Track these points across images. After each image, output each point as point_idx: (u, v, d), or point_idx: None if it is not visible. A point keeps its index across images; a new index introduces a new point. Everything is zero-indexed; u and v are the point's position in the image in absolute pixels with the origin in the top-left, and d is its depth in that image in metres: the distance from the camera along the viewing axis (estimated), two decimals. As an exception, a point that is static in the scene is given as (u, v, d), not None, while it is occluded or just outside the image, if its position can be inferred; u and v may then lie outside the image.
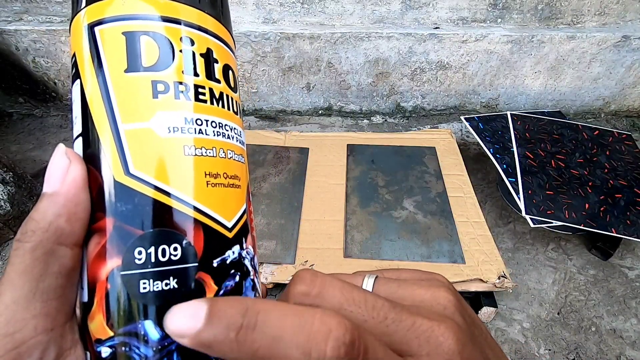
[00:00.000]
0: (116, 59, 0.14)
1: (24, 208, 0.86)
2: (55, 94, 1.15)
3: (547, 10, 0.98)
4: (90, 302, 0.13)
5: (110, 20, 0.14)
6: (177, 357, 0.13)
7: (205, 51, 0.15)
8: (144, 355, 0.12)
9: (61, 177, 0.13)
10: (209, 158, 0.14)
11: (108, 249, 0.13)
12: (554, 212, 0.72)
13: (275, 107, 1.18)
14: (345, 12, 0.99)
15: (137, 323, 0.12)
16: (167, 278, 0.13)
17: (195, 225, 0.14)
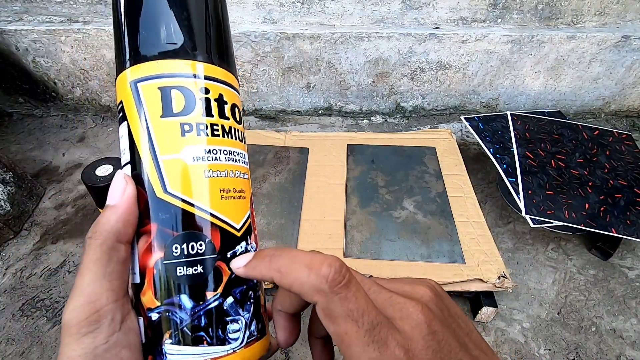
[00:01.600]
0: (154, 107, 0.19)
1: (24, 208, 0.86)
2: (55, 94, 1.15)
3: (547, 10, 0.98)
4: (142, 283, 0.18)
5: (149, 78, 0.19)
6: (203, 320, 0.18)
7: (218, 96, 0.20)
8: (180, 318, 0.18)
9: (120, 194, 0.18)
10: (222, 178, 0.19)
11: (154, 245, 0.18)
12: (554, 212, 0.72)
13: (275, 107, 1.18)
14: (345, 12, 0.99)
15: (176, 296, 0.18)
16: (195, 265, 0.18)
17: (213, 228, 0.19)
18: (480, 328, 0.67)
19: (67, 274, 0.76)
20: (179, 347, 0.18)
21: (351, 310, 0.16)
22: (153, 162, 0.18)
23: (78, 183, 0.96)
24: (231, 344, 0.18)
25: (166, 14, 0.19)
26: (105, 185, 0.59)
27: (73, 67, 1.07)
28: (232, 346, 0.18)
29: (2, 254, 0.79)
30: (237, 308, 0.19)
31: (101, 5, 1.00)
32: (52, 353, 0.64)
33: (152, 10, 0.19)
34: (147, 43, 0.19)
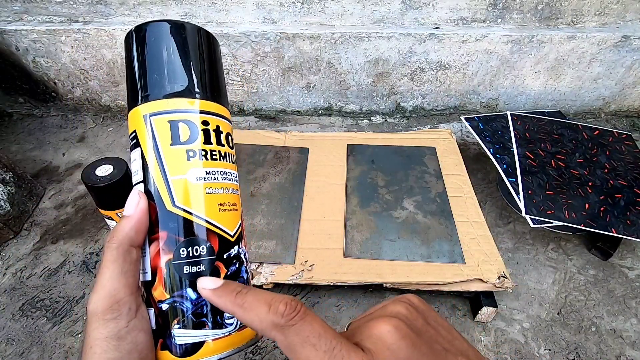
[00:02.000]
0: (165, 137, 0.23)
1: (24, 208, 0.86)
2: (55, 94, 1.15)
3: (547, 10, 0.98)
4: (153, 280, 0.22)
5: (160, 113, 0.23)
6: (205, 309, 0.22)
7: (215, 127, 0.25)
8: (186, 307, 0.22)
9: (134, 207, 0.22)
10: (219, 194, 0.24)
11: (163, 249, 0.22)
12: (554, 212, 0.72)
13: (275, 107, 1.18)
14: (345, 12, 0.99)
15: (183, 290, 0.22)
16: (198, 265, 0.22)
17: (212, 234, 0.23)
18: (480, 328, 0.67)
19: (67, 274, 0.76)
20: (185, 331, 0.22)
21: (307, 337, 0.18)
22: (164, 182, 0.23)
23: (78, 183, 0.96)
24: (227, 327, 0.23)
25: (174, 62, 0.24)
26: (105, 185, 0.59)
27: (73, 67, 1.07)
28: (228, 329, 0.23)
29: (2, 254, 0.79)
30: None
31: (101, 5, 1.00)
32: (52, 353, 0.64)
33: (161, 58, 0.24)
34: (158, 85, 0.24)
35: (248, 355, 0.63)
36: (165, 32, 0.24)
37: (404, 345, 0.18)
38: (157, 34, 0.24)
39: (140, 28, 0.24)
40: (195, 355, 0.22)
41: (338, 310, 0.69)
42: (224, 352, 0.22)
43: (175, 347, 0.22)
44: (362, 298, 0.71)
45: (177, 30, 0.24)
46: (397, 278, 0.65)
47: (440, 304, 0.70)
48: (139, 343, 0.21)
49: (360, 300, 0.71)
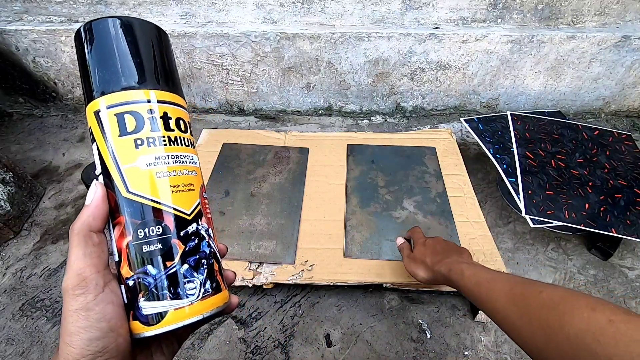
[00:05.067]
0: (113, 129, 0.25)
1: (24, 208, 0.86)
2: (55, 94, 1.15)
3: (547, 10, 0.98)
4: (120, 260, 0.25)
5: (107, 107, 0.25)
6: (165, 282, 0.24)
7: (162, 114, 0.26)
8: (149, 282, 0.24)
9: (92, 195, 0.25)
10: (171, 177, 0.25)
11: (124, 231, 0.25)
12: (554, 212, 0.72)
13: (275, 107, 1.18)
14: (345, 12, 0.99)
15: (144, 267, 0.24)
16: (155, 244, 0.24)
17: (167, 215, 0.25)
18: (480, 328, 0.67)
19: (67, 274, 0.76)
20: (150, 303, 0.24)
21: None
22: (117, 171, 0.25)
23: (78, 183, 0.96)
24: (189, 297, 0.25)
25: (112, 57, 0.25)
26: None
27: (73, 67, 1.07)
28: (190, 299, 0.25)
29: (2, 254, 0.79)
30: (192, 272, 0.25)
31: (101, 6, 1.00)
32: (52, 353, 0.64)
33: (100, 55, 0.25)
34: (103, 81, 0.25)
35: (248, 355, 0.63)
36: (102, 29, 0.25)
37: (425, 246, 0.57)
38: (96, 32, 0.25)
39: (84, 26, 0.25)
40: (160, 323, 0.24)
41: (338, 310, 0.69)
42: (186, 320, 0.24)
43: (142, 317, 0.24)
44: (362, 298, 0.71)
45: (110, 26, 0.25)
46: (397, 278, 0.65)
47: (441, 303, 0.70)
48: (107, 313, 0.23)
49: (360, 300, 0.71)
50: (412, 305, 0.70)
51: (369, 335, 0.66)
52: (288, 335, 0.66)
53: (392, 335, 0.66)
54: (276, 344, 0.65)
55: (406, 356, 0.63)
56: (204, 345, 0.64)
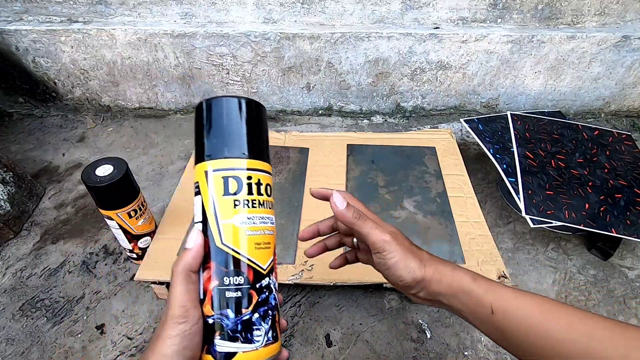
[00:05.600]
0: (219, 189, 0.30)
1: (23, 208, 0.86)
2: (55, 94, 1.15)
3: (547, 10, 0.98)
4: (204, 298, 0.29)
5: (216, 170, 0.30)
6: (240, 325, 0.28)
7: (257, 181, 0.31)
8: (226, 323, 0.28)
9: (194, 242, 0.30)
10: (256, 236, 0.30)
11: (212, 276, 0.29)
12: (554, 212, 0.72)
13: (275, 107, 1.18)
14: (345, 12, 0.99)
15: (224, 310, 0.28)
16: (236, 291, 0.29)
17: (249, 268, 0.29)
18: (480, 328, 0.67)
19: (67, 274, 0.76)
20: (224, 342, 0.28)
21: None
22: (215, 224, 0.30)
23: (78, 183, 0.96)
24: (255, 343, 0.29)
25: (229, 131, 0.31)
26: (105, 185, 0.59)
27: (73, 67, 1.07)
28: (256, 345, 0.29)
29: (2, 254, 0.79)
30: (260, 321, 0.29)
31: (101, 6, 1.00)
32: (52, 353, 0.64)
33: (220, 127, 0.31)
34: (217, 149, 0.31)
35: (248, 355, 0.63)
36: (225, 106, 0.31)
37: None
38: (214, 108, 0.31)
39: (205, 102, 0.31)
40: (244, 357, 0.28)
41: (338, 310, 0.69)
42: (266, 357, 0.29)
43: (215, 352, 0.28)
44: (362, 298, 0.71)
45: (234, 105, 0.31)
46: (397, 278, 0.65)
47: (440, 304, 0.70)
48: (193, 343, 0.28)
49: (360, 300, 0.71)
50: (412, 305, 0.70)
51: (369, 335, 0.66)
52: (288, 335, 0.66)
53: (392, 335, 0.66)
54: (276, 344, 0.65)
55: (406, 356, 0.63)
56: (204, 345, 0.64)
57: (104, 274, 0.76)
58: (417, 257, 0.35)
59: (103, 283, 0.74)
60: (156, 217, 0.76)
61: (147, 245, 0.71)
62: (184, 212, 0.77)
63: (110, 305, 0.70)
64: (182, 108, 1.19)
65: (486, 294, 0.32)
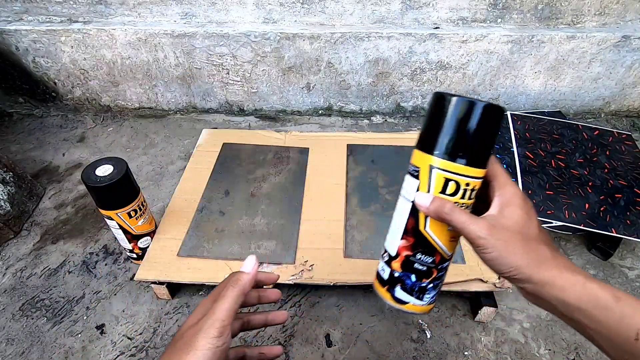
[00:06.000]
0: (437, 186, 0.32)
1: (24, 208, 0.86)
2: (55, 94, 1.15)
3: (547, 10, 0.98)
4: (395, 257, 0.35)
5: (442, 170, 0.31)
6: (417, 287, 0.35)
7: (473, 187, 0.32)
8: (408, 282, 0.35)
9: (251, 267, 0.36)
10: (452, 231, 0.33)
11: (409, 247, 0.34)
12: (554, 212, 0.72)
13: (275, 107, 1.18)
14: (345, 12, 0.99)
15: (409, 273, 0.35)
16: (423, 266, 0.34)
17: (439, 254, 0.34)
18: (480, 328, 0.67)
19: (67, 274, 0.76)
20: (402, 292, 0.35)
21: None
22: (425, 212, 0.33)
23: (78, 183, 0.96)
24: (423, 301, 0.35)
25: (465, 136, 0.31)
26: (105, 185, 0.59)
27: (73, 67, 1.07)
28: (422, 302, 0.36)
29: (2, 254, 0.79)
30: (432, 289, 0.35)
31: (101, 5, 1.00)
32: (52, 353, 0.64)
33: (458, 130, 0.31)
34: (448, 150, 0.31)
35: (248, 355, 0.63)
36: (475, 112, 0.30)
37: None
38: (469, 112, 0.30)
39: (458, 99, 0.30)
40: (401, 305, 0.36)
41: (338, 310, 0.69)
42: (411, 311, 0.36)
43: (394, 295, 0.36)
44: (362, 298, 0.71)
45: (484, 114, 0.30)
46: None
47: (440, 304, 0.70)
48: (220, 357, 0.30)
49: (360, 301, 0.71)
50: (412, 305, 0.70)
51: (369, 335, 0.66)
52: (288, 335, 0.66)
53: (392, 335, 0.66)
54: (276, 344, 0.65)
55: (406, 356, 0.63)
56: (204, 345, 0.64)
57: (104, 274, 0.76)
58: (527, 254, 0.30)
59: (103, 283, 0.74)
60: (156, 217, 0.76)
61: (147, 245, 0.71)
62: (184, 212, 0.77)
63: (110, 305, 0.70)
64: (182, 108, 1.19)
65: (634, 315, 0.27)
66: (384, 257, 0.36)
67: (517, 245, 0.30)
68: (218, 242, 0.71)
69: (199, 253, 0.69)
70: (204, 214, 0.77)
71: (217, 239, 0.72)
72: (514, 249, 0.29)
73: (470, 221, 0.30)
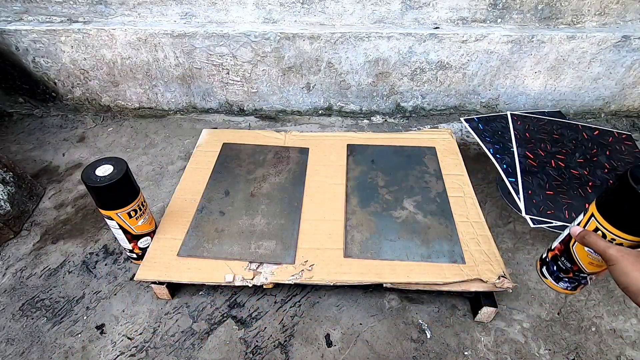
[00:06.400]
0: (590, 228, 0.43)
1: (24, 208, 0.86)
2: (55, 94, 1.15)
3: (547, 10, 0.98)
4: (553, 249, 0.50)
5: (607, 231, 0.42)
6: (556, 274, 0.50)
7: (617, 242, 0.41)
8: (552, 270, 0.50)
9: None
10: (592, 259, 0.44)
11: (558, 252, 0.49)
12: (554, 212, 0.72)
13: (275, 107, 1.18)
14: (345, 12, 0.99)
15: (554, 266, 0.50)
16: (564, 265, 0.48)
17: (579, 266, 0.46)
18: (480, 328, 0.67)
19: (67, 274, 0.76)
20: (546, 273, 0.50)
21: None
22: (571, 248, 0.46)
23: (78, 183, 0.96)
24: (559, 284, 0.49)
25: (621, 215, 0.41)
26: (105, 185, 0.59)
27: (73, 67, 1.07)
28: (559, 285, 0.49)
29: (2, 254, 0.79)
30: (565, 280, 0.48)
31: (101, 5, 1.00)
32: (52, 353, 0.64)
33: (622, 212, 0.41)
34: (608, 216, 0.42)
35: (248, 355, 0.63)
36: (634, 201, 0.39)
37: None
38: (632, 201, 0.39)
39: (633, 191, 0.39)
40: (542, 277, 0.51)
41: (338, 310, 0.69)
42: (548, 285, 0.50)
43: (541, 270, 0.51)
44: (362, 298, 0.71)
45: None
46: (397, 278, 0.65)
47: (440, 304, 0.70)
48: None
49: (360, 300, 0.71)
50: (412, 305, 0.70)
51: (369, 335, 0.66)
52: (288, 335, 0.66)
53: (392, 335, 0.66)
54: (276, 344, 0.65)
55: (406, 356, 0.63)
56: (204, 345, 0.65)
57: (104, 274, 0.76)
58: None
59: (103, 283, 0.74)
60: (156, 217, 0.76)
61: (147, 245, 0.71)
62: (184, 212, 0.77)
63: (110, 305, 0.71)
64: (182, 108, 1.19)
65: None
66: (550, 245, 0.52)
67: None
68: (218, 242, 0.71)
69: (199, 253, 0.69)
70: (204, 214, 0.77)
71: (217, 239, 0.72)
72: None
73: (607, 246, 0.40)
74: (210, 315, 0.69)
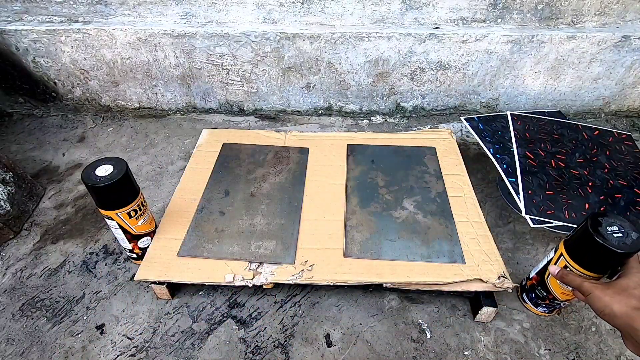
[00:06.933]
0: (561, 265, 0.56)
1: (24, 208, 0.86)
2: (55, 94, 1.15)
3: (547, 10, 0.98)
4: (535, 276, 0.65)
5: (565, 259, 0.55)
6: (532, 301, 0.66)
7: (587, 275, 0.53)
8: (531, 296, 0.66)
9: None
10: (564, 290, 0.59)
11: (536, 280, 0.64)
12: (554, 212, 0.72)
13: (275, 107, 1.18)
14: (345, 12, 0.99)
15: (532, 293, 0.66)
16: (540, 294, 0.63)
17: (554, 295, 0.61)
18: (480, 328, 0.67)
19: (67, 274, 0.76)
20: (526, 298, 0.64)
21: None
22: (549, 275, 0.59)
23: (78, 183, 0.96)
24: (538, 308, 0.65)
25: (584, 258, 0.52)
26: (105, 185, 0.59)
27: (73, 67, 1.07)
28: (537, 309, 0.64)
29: (2, 254, 0.79)
30: (543, 305, 0.63)
31: (101, 5, 1.00)
32: (52, 353, 0.64)
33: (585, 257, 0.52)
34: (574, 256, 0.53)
35: (248, 355, 0.63)
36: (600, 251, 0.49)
37: None
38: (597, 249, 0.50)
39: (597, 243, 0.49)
40: (524, 303, 0.65)
41: (338, 310, 0.69)
42: (529, 309, 0.63)
43: (522, 296, 0.64)
44: (362, 298, 0.71)
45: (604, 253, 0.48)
46: (397, 278, 0.65)
47: (440, 304, 0.70)
48: None
49: (360, 300, 0.71)
50: (412, 305, 0.70)
51: (369, 335, 0.66)
52: (288, 335, 0.66)
53: (392, 335, 0.66)
54: (276, 344, 0.65)
55: (406, 356, 0.63)
56: (204, 345, 0.65)
57: (104, 274, 0.76)
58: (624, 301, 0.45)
59: (103, 283, 0.74)
60: (156, 217, 0.76)
61: (147, 245, 0.71)
62: (184, 212, 0.77)
63: (110, 305, 0.71)
64: (182, 108, 1.19)
65: None
66: (528, 274, 0.60)
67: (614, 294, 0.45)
68: (218, 242, 0.71)
69: (199, 253, 0.69)
70: (204, 214, 0.77)
71: (217, 239, 0.72)
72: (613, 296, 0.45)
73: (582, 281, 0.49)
74: (210, 315, 0.69)
